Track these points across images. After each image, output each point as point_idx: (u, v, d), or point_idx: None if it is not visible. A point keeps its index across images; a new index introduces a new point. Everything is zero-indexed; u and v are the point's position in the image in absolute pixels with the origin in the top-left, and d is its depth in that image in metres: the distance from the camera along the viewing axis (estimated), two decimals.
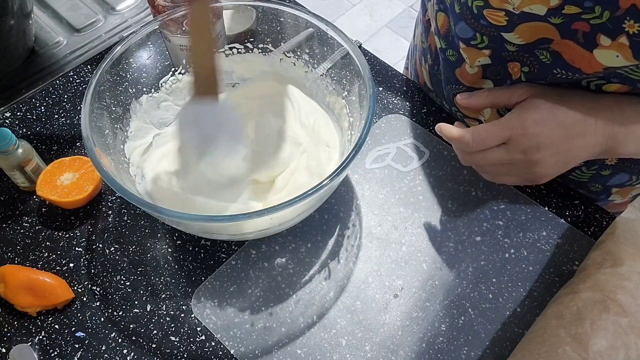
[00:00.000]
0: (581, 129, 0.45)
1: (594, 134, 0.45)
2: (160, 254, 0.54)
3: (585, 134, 0.45)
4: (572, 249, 0.54)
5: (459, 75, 0.56)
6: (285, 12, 0.55)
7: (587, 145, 0.46)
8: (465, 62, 0.53)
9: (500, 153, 0.47)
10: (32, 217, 0.56)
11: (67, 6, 0.75)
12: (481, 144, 0.47)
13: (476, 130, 0.47)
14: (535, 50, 0.47)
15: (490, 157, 0.48)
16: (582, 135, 0.45)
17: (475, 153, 0.48)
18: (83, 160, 0.56)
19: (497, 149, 0.47)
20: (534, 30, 0.45)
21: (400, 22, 2.01)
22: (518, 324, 0.49)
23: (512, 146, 0.46)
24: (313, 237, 0.55)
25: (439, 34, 0.56)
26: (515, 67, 0.50)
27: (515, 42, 0.47)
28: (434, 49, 0.62)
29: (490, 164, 0.49)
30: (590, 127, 0.45)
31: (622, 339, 0.41)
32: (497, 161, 0.48)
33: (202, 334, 0.49)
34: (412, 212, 0.56)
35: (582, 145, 0.46)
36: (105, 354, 0.48)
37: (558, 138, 0.45)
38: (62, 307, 0.50)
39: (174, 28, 0.54)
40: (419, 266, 0.53)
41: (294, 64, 0.58)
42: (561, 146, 0.45)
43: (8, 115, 0.63)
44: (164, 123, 0.59)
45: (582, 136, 0.45)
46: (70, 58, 0.70)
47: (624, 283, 0.44)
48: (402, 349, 0.48)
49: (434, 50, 0.62)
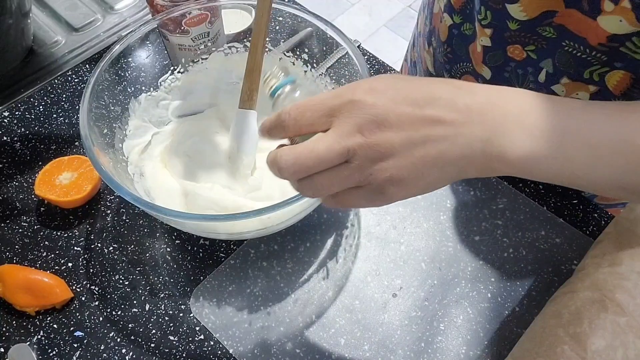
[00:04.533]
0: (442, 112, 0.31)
1: (466, 123, 0.31)
2: (159, 253, 0.54)
3: (452, 122, 0.31)
4: (571, 248, 0.54)
5: (471, 52, 0.56)
6: (284, 11, 0.55)
7: (457, 135, 0.31)
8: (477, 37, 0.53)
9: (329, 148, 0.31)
10: (30, 217, 0.56)
11: (66, 5, 0.75)
12: (300, 117, 0.33)
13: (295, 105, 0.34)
14: (537, 28, 0.46)
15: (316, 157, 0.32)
16: (446, 120, 0.31)
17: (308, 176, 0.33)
18: (82, 159, 0.56)
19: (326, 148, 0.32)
20: (539, 2, 0.44)
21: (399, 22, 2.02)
22: (517, 324, 0.49)
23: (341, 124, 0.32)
24: (312, 236, 0.55)
25: (452, 10, 0.56)
26: (516, 50, 0.49)
27: (519, 18, 0.46)
28: (437, 30, 0.62)
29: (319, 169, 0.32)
30: (459, 113, 0.31)
31: (620, 338, 0.41)
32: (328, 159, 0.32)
33: (200, 333, 0.49)
34: (410, 211, 0.56)
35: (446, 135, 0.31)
36: (104, 354, 0.48)
37: (407, 117, 0.31)
38: (61, 307, 0.50)
39: (173, 27, 0.54)
40: (417, 265, 0.53)
41: (293, 63, 0.58)
42: (413, 131, 0.31)
43: (6, 115, 0.63)
44: (162, 122, 0.59)
45: (446, 123, 0.31)
46: (69, 57, 0.70)
47: (622, 282, 0.44)
48: (401, 348, 0.48)
49: (438, 31, 0.62)
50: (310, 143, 0.32)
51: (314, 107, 0.33)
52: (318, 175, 0.32)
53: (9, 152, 0.60)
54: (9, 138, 0.61)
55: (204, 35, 0.56)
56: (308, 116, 0.33)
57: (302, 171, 0.32)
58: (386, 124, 0.31)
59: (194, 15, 0.54)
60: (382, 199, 0.33)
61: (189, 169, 0.54)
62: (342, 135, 0.31)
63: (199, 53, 0.58)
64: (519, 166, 0.31)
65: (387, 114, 0.31)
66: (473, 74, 0.59)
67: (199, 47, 0.57)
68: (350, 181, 0.32)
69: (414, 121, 0.31)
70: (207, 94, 0.61)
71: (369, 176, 0.31)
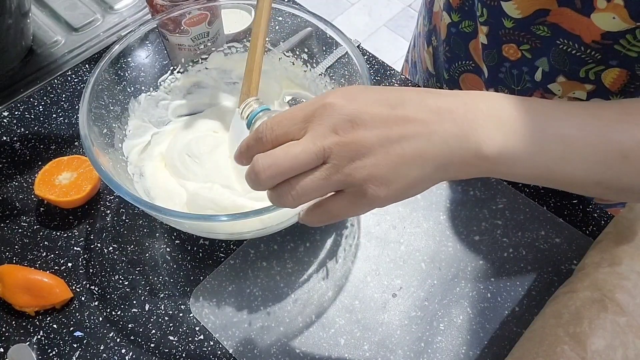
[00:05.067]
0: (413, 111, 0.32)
1: (438, 121, 0.31)
2: (158, 253, 0.54)
3: (424, 120, 0.31)
4: (571, 248, 0.54)
5: (472, 49, 0.56)
6: (284, 11, 0.55)
7: (431, 133, 0.31)
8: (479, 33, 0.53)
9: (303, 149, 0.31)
10: (30, 217, 0.56)
11: (65, 5, 0.75)
12: (276, 126, 0.33)
13: (272, 117, 0.34)
14: (531, 27, 0.47)
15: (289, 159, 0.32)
16: (417, 119, 0.31)
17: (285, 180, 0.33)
18: (81, 159, 0.56)
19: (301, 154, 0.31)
20: (533, 0, 0.45)
21: (399, 22, 2.02)
22: (516, 323, 0.49)
23: (316, 127, 0.32)
24: (311, 236, 0.55)
25: (450, 8, 0.56)
26: (511, 49, 0.50)
27: (513, 16, 0.47)
28: (438, 28, 0.62)
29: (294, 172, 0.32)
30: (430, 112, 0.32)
31: (620, 338, 0.41)
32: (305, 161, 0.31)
33: (200, 333, 0.49)
34: (410, 211, 0.56)
35: (421, 133, 0.31)
36: (104, 354, 0.48)
37: (380, 116, 0.31)
38: (61, 307, 0.50)
39: (173, 27, 0.54)
40: (417, 265, 0.53)
41: (292, 63, 0.58)
42: (387, 129, 0.31)
43: (6, 115, 0.63)
44: (162, 122, 0.59)
45: (418, 122, 0.31)
46: (69, 57, 0.70)
47: (622, 282, 0.44)
48: (401, 348, 0.48)
49: (438, 29, 0.62)
50: (286, 146, 0.32)
51: (289, 116, 0.33)
52: (295, 178, 0.32)
53: (8, 152, 0.60)
54: (9, 138, 0.61)
55: (203, 35, 0.56)
56: (284, 124, 0.33)
57: (278, 174, 0.32)
58: (360, 123, 0.31)
59: (194, 15, 0.54)
60: (365, 202, 0.32)
61: (188, 169, 0.54)
62: (317, 136, 0.31)
63: (199, 53, 0.58)
64: (496, 161, 0.32)
65: (361, 113, 0.31)
66: (475, 71, 0.59)
67: (199, 47, 0.57)
68: (329, 183, 0.32)
69: (387, 120, 0.31)
70: (206, 94, 0.61)
71: (347, 176, 0.31)
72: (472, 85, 0.61)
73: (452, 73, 0.61)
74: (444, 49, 0.62)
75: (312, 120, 0.32)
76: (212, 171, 0.54)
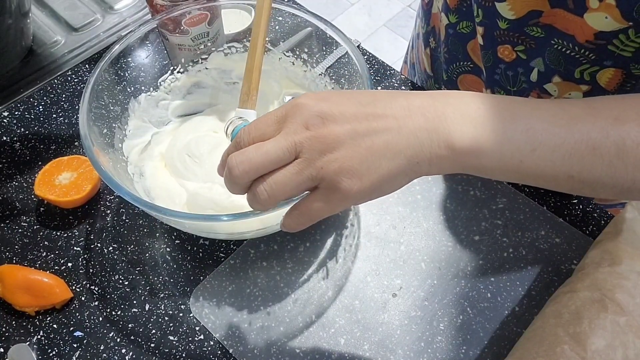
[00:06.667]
0: (383, 109, 0.33)
1: (408, 117, 0.33)
2: (158, 253, 0.54)
3: (394, 115, 0.33)
4: (571, 248, 0.54)
5: (470, 50, 0.56)
6: (284, 11, 0.55)
7: (400, 127, 0.32)
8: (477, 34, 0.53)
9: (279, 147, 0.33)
10: (30, 217, 0.56)
11: (65, 5, 0.75)
12: (253, 130, 0.34)
13: (248, 124, 0.37)
14: (525, 28, 0.47)
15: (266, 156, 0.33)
16: (387, 115, 0.33)
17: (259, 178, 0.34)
18: (81, 159, 0.56)
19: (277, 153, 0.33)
20: (526, 1, 0.45)
21: (399, 22, 2.02)
22: (516, 323, 0.49)
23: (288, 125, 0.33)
24: (311, 236, 0.55)
25: (447, 9, 0.56)
26: (506, 50, 0.50)
27: (507, 17, 0.47)
28: (438, 29, 0.62)
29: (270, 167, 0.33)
30: (400, 109, 0.33)
31: (620, 338, 0.41)
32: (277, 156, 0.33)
33: (200, 333, 0.49)
34: (410, 211, 0.56)
35: (390, 127, 0.32)
36: (104, 354, 0.48)
37: (350, 112, 0.33)
38: (61, 307, 0.50)
39: (172, 27, 0.54)
40: (417, 265, 0.53)
41: (292, 63, 0.58)
42: (356, 123, 0.32)
43: (6, 115, 0.63)
44: (162, 122, 0.59)
45: (388, 117, 0.33)
46: (69, 57, 0.70)
47: (622, 282, 0.44)
48: (401, 348, 0.48)
49: (437, 30, 0.62)
50: (258, 144, 0.33)
51: (264, 119, 0.34)
52: (269, 174, 0.33)
53: (8, 152, 0.60)
54: (9, 138, 0.61)
55: (203, 35, 0.56)
56: (259, 127, 0.34)
57: (251, 169, 0.33)
58: (330, 119, 0.32)
59: (194, 15, 0.54)
60: (339, 197, 0.33)
61: (188, 169, 0.54)
62: (289, 132, 0.33)
63: (199, 53, 0.58)
64: (466, 152, 0.32)
65: (331, 110, 0.32)
66: (473, 72, 0.59)
67: (199, 47, 0.57)
68: (302, 177, 0.32)
69: (357, 116, 0.32)
70: (206, 94, 0.61)
71: (319, 170, 0.32)
72: (471, 86, 0.61)
73: (451, 74, 0.61)
74: (442, 50, 0.62)
75: (285, 120, 0.33)
76: (212, 171, 0.54)
